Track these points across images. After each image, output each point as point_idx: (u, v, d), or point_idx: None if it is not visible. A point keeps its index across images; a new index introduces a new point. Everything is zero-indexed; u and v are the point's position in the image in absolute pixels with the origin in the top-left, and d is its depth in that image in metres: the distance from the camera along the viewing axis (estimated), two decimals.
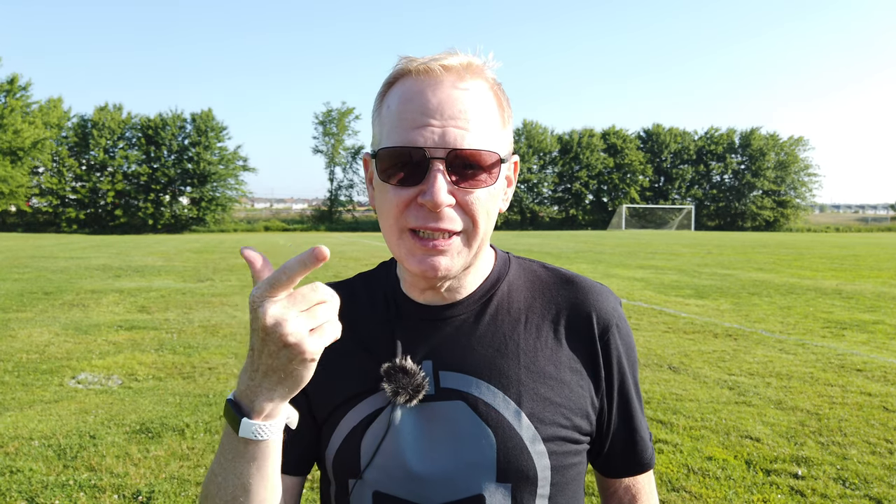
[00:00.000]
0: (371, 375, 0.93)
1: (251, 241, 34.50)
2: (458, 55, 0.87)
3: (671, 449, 4.34)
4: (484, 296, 0.97)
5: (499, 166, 0.87)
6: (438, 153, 0.83)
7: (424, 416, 0.91)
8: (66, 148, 52.03)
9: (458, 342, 0.94)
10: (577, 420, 0.94)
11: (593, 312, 0.97)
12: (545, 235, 42.31)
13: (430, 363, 0.93)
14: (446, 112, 0.83)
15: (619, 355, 0.99)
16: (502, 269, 1.01)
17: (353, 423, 0.93)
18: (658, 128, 66.47)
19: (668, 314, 9.82)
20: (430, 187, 0.82)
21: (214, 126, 55.41)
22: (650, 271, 16.72)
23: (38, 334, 8.11)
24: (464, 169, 0.84)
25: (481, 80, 0.87)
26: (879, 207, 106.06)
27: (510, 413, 0.90)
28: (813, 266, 18.39)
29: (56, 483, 3.80)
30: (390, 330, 0.96)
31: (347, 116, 63.09)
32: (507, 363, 0.93)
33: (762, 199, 66.26)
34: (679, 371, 6.39)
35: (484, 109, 0.86)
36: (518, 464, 0.89)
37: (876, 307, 10.58)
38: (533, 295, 0.99)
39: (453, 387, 0.92)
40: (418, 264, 0.87)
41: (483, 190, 0.86)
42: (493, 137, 0.86)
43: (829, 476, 3.95)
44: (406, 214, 0.86)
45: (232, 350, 7.25)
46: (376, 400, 0.92)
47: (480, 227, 0.87)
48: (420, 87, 0.84)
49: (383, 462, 0.90)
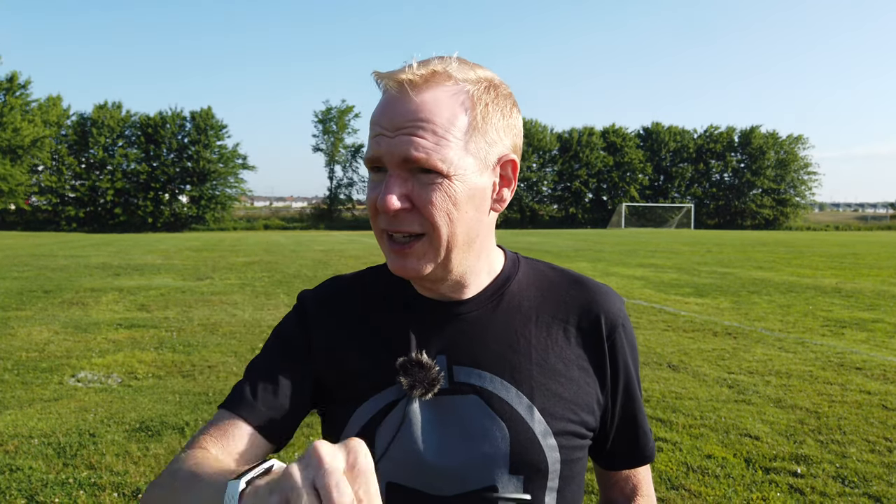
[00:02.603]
0: (385, 368, 0.95)
1: (251, 240, 34.52)
2: (420, 65, 0.89)
3: (670, 447, 4.35)
4: (495, 294, 1.00)
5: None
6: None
7: (439, 410, 0.93)
8: (66, 146, 51.90)
9: (471, 338, 0.97)
10: (585, 416, 0.97)
11: (601, 313, 1.01)
12: (545, 234, 42.31)
13: (444, 358, 0.95)
14: (398, 122, 0.87)
15: (625, 355, 1.03)
16: (512, 268, 1.04)
17: (368, 415, 0.94)
18: (658, 126, 66.38)
19: (667, 312, 9.83)
20: (381, 193, 0.88)
21: (214, 124, 55.30)
22: (650, 270, 16.73)
23: (38, 332, 8.11)
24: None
25: (445, 85, 0.89)
26: (879, 206, 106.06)
27: (523, 408, 0.93)
28: (812, 264, 18.39)
29: (56, 481, 3.80)
30: (404, 324, 0.99)
31: (347, 114, 62.98)
32: (520, 359, 0.96)
33: (762, 198, 66.19)
34: (678, 369, 6.39)
35: (443, 116, 0.87)
36: (531, 457, 0.92)
37: (875, 305, 10.58)
38: (542, 294, 1.02)
39: (467, 381, 0.94)
40: (392, 264, 0.93)
41: (438, 194, 0.87)
42: (454, 142, 0.88)
43: (829, 474, 3.95)
44: (378, 217, 0.92)
45: (231, 348, 7.25)
46: (390, 393, 0.94)
47: (441, 229, 0.89)
48: (383, 101, 0.90)
49: (398, 454, 0.92)
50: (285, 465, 0.60)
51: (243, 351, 7.08)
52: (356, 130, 62.73)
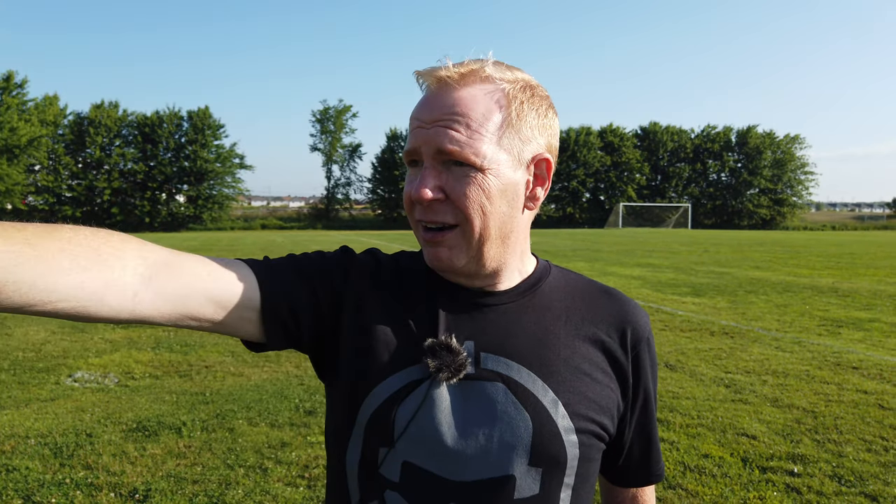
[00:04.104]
0: (412, 347, 0.94)
1: (248, 240, 34.49)
2: (457, 65, 0.92)
3: (668, 447, 4.36)
4: (527, 291, 1.02)
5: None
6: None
7: (463, 394, 0.93)
8: (63, 146, 51.82)
9: (500, 327, 0.97)
10: (605, 419, 0.98)
11: (629, 324, 1.03)
12: (542, 234, 42.34)
13: (472, 344, 0.95)
14: (435, 115, 0.90)
15: (647, 369, 1.05)
16: (544, 272, 1.05)
17: (390, 390, 0.93)
18: (655, 126, 66.51)
19: (664, 312, 9.84)
20: (416, 183, 0.90)
21: (211, 124, 55.28)
22: (647, 269, 16.75)
23: (35, 332, 8.09)
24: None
25: (481, 83, 0.92)
26: (876, 206, 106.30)
27: (548, 401, 0.93)
28: (809, 264, 18.43)
29: (52, 481, 3.80)
30: (434, 306, 0.98)
31: (345, 114, 63.05)
32: (548, 353, 0.96)
33: (759, 198, 66.35)
34: (676, 369, 6.40)
35: (478, 111, 0.90)
36: (552, 449, 0.92)
37: (872, 305, 10.61)
38: (573, 298, 1.04)
39: (493, 368, 0.94)
40: (426, 254, 0.96)
41: (472, 187, 0.90)
42: (487, 137, 0.90)
43: (825, 473, 3.96)
44: (414, 209, 0.94)
45: (228, 348, 7.24)
46: (414, 372, 0.93)
47: (474, 221, 0.91)
48: (422, 98, 0.93)
49: (418, 434, 0.91)
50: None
51: (240, 351, 7.07)
52: (354, 130, 62.91)
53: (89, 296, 0.75)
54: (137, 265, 0.80)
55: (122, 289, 0.78)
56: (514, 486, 0.91)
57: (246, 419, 4.88)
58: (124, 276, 0.78)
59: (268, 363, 6.56)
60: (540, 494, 0.92)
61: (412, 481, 0.91)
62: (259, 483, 3.82)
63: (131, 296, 0.79)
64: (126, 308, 0.78)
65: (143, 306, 0.80)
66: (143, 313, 0.80)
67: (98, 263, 0.76)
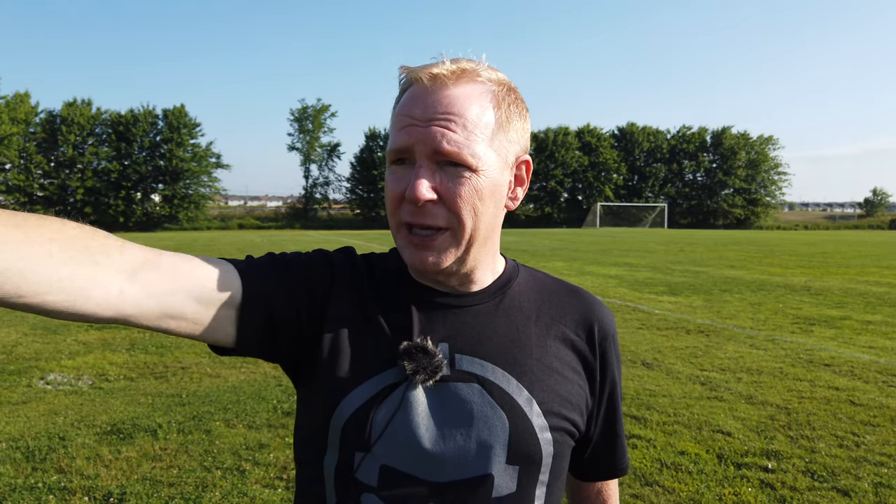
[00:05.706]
0: (387, 350, 0.94)
1: (225, 240, 34.14)
2: (452, 62, 0.92)
3: (644, 444, 4.40)
4: (498, 292, 1.02)
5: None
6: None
7: (440, 396, 0.93)
8: (34, 144, 50.83)
9: (474, 329, 0.98)
10: (575, 416, 1.00)
11: (595, 322, 1.05)
12: (521, 233, 42.46)
13: (447, 346, 0.96)
14: (430, 113, 0.89)
15: (613, 364, 1.07)
16: (512, 272, 1.07)
17: (366, 395, 0.92)
18: (632, 126, 67.09)
19: (641, 311, 9.93)
20: (411, 183, 0.88)
21: (187, 122, 54.60)
22: (624, 269, 16.89)
23: (6, 334, 7.94)
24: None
25: (474, 83, 0.92)
26: (847, 206, 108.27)
27: (523, 400, 0.94)
28: (782, 263, 18.73)
29: (25, 486, 3.73)
30: (408, 308, 0.98)
31: (323, 114, 62.69)
32: (521, 353, 0.98)
33: (733, 198, 67.25)
34: (652, 367, 6.47)
35: (473, 111, 0.90)
36: (528, 448, 0.93)
37: (843, 303, 10.81)
38: (541, 298, 1.05)
39: (469, 370, 0.95)
40: (410, 256, 0.93)
41: (466, 188, 0.89)
42: (481, 138, 0.90)
43: (798, 469, 4.03)
44: (400, 209, 0.91)
45: (205, 350, 7.16)
46: (390, 375, 0.93)
47: (466, 223, 0.91)
48: (412, 93, 0.91)
49: (395, 437, 0.90)
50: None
51: None
52: (332, 130, 62.52)
53: (78, 290, 0.74)
54: (122, 262, 0.79)
55: (107, 285, 0.76)
56: (492, 484, 0.92)
57: (223, 421, 4.83)
58: (110, 272, 0.77)
59: (245, 364, 6.50)
60: (517, 492, 0.93)
61: (391, 484, 0.90)
62: (236, 485, 3.78)
63: (117, 293, 0.77)
64: (111, 305, 0.77)
65: (128, 304, 0.79)
66: (126, 311, 0.79)
67: (87, 258, 0.75)
